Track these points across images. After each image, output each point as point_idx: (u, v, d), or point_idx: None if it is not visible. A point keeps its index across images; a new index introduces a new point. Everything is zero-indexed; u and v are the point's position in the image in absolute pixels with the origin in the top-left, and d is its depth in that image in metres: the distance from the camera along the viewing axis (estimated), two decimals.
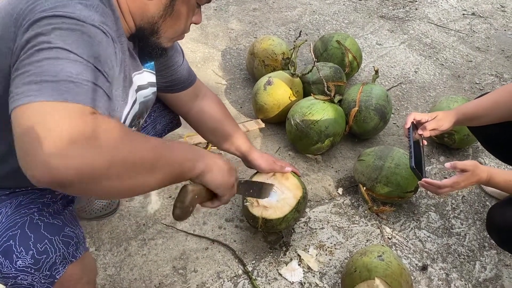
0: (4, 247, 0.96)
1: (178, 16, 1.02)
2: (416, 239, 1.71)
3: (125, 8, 0.98)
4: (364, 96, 2.01)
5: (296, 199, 1.54)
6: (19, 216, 1.01)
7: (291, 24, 3.06)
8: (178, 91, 1.39)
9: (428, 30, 3.08)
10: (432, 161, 2.06)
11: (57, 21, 0.78)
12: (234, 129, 1.53)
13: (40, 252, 0.97)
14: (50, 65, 0.73)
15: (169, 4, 0.99)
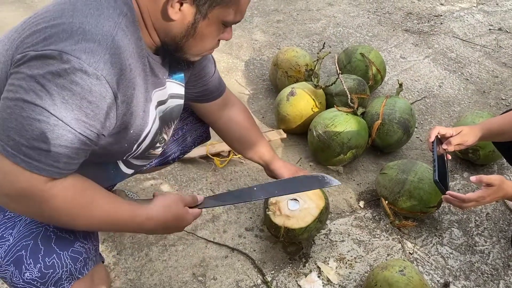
0: (16, 257, 0.97)
1: (202, 37, 1.01)
2: (438, 255, 1.68)
3: (149, 24, 0.98)
4: (387, 109, 2.01)
5: (319, 209, 1.53)
6: (35, 226, 1.02)
7: (314, 36, 3.07)
8: (209, 101, 1.40)
9: (453, 45, 3.06)
10: (455, 177, 2.04)
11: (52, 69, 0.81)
12: (259, 138, 1.55)
13: (47, 266, 0.97)
14: (29, 126, 0.81)
15: (191, 26, 0.98)
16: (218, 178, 1.95)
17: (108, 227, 1.03)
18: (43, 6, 0.98)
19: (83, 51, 0.82)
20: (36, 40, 0.84)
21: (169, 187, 1.90)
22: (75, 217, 0.92)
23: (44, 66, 0.81)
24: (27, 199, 0.86)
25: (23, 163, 0.83)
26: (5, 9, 3.14)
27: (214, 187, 1.91)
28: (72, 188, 0.90)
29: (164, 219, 1.09)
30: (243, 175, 1.97)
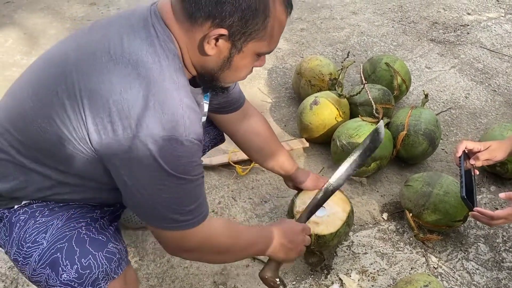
0: (52, 259, 1.00)
1: (237, 68, 1.05)
2: (463, 271, 1.64)
3: (188, 60, 1.03)
4: (413, 120, 1.98)
5: (346, 213, 1.53)
6: (68, 230, 1.04)
7: (338, 44, 3.06)
8: (229, 112, 1.43)
9: (480, 55, 3.00)
10: (482, 190, 1.99)
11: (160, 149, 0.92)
12: (278, 148, 1.56)
13: (84, 267, 0.99)
14: (175, 203, 0.99)
15: (227, 60, 1.01)
16: (239, 186, 1.95)
17: (251, 249, 1.24)
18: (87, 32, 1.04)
19: (173, 127, 0.92)
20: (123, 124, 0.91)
21: None
22: (234, 245, 1.17)
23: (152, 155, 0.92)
24: (203, 246, 1.09)
25: (187, 226, 1.02)
26: (34, 16, 3.22)
27: (236, 195, 1.91)
28: (220, 221, 1.20)
29: (281, 229, 1.31)
30: (265, 183, 1.97)
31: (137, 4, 3.39)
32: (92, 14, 3.27)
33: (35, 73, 1.05)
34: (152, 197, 0.96)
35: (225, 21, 0.94)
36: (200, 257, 1.16)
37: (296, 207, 1.55)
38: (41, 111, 0.98)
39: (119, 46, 0.95)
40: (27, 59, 2.75)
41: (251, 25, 0.96)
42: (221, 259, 1.21)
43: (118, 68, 0.93)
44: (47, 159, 1.02)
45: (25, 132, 1.01)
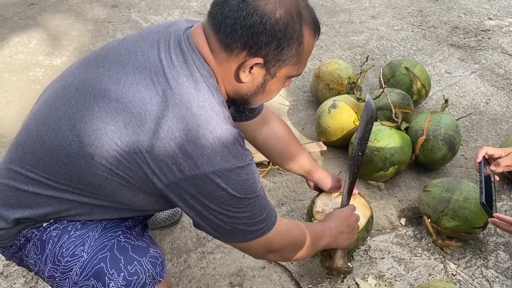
0: (95, 270, 1.01)
1: (269, 92, 1.08)
2: (482, 278, 1.62)
3: (222, 88, 1.06)
4: (432, 125, 1.96)
5: (366, 218, 1.53)
6: (107, 239, 1.05)
7: (357, 48, 3.05)
8: (249, 119, 1.44)
9: (502, 61, 2.96)
10: (502, 197, 1.96)
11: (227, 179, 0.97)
12: (299, 150, 1.57)
13: (131, 273, 1.01)
14: (250, 218, 1.05)
15: (261, 86, 1.05)
16: None
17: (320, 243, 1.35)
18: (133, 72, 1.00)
19: (233, 156, 0.97)
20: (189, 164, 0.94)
21: None
22: (305, 239, 1.25)
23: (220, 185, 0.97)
24: (284, 245, 1.19)
25: (265, 232, 1.10)
26: (58, 17, 3.28)
27: None
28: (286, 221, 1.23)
29: (336, 220, 1.43)
30: (282, 186, 1.97)
31: (157, 7, 3.43)
32: (114, 17, 3.32)
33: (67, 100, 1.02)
34: (230, 220, 1.02)
35: (261, 51, 0.96)
36: (285, 255, 1.24)
37: (316, 207, 1.56)
38: (90, 148, 0.96)
39: (167, 87, 0.96)
40: (50, 60, 2.80)
41: (286, 53, 0.99)
42: (301, 253, 1.26)
43: (172, 111, 0.94)
44: (89, 191, 1.02)
45: (68, 165, 0.99)
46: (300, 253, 1.26)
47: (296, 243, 1.23)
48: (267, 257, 1.21)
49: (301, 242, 1.24)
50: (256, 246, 1.11)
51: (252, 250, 1.15)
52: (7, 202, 1.06)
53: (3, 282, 1.54)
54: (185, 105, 0.94)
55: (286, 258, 1.30)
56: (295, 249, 1.23)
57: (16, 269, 1.58)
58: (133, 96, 0.94)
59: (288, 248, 1.21)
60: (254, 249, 1.14)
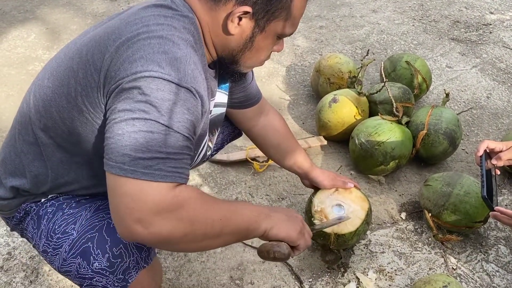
0: (83, 248, 1.01)
1: (258, 50, 1.05)
2: (483, 273, 1.62)
3: (209, 40, 1.04)
4: (433, 119, 1.95)
5: (364, 211, 1.52)
6: (98, 220, 1.06)
7: (357, 42, 3.04)
8: (246, 107, 1.43)
9: (503, 55, 2.95)
10: (503, 192, 1.96)
11: (146, 85, 0.86)
12: (295, 146, 1.56)
13: (115, 255, 1.01)
14: (143, 138, 0.83)
15: (249, 39, 1.02)
16: (257, 183, 1.95)
17: (235, 218, 0.96)
18: (107, 20, 1.06)
19: (171, 68, 0.88)
20: (123, 66, 0.89)
21: (208, 189, 1.91)
22: (209, 212, 0.90)
23: (141, 86, 0.86)
24: (163, 213, 0.83)
25: (145, 175, 0.82)
26: (57, 11, 3.26)
27: (253, 191, 1.91)
28: (195, 189, 0.92)
29: (276, 208, 1.11)
30: (282, 181, 1.97)
31: None
32: (113, 10, 3.30)
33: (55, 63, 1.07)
34: (125, 126, 0.85)
35: (249, 0, 0.95)
36: (163, 231, 0.84)
37: (314, 206, 1.54)
38: (59, 88, 1.00)
39: (132, 17, 0.97)
40: (49, 54, 2.79)
41: (275, 3, 0.97)
42: (193, 234, 0.88)
43: (128, 30, 0.94)
44: (64, 140, 1.04)
45: (47, 114, 1.02)
46: (193, 232, 0.88)
47: (187, 215, 0.86)
48: (135, 227, 0.82)
49: (198, 216, 0.88)
50: (125, 196, 0.82)
51: (119, 201, 0.83)
52: (8, 169, 1.11)
53: (3, 276, 1.54)
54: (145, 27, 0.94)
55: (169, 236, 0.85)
56: (183, 223, 0.86)
57: (16, 263, 1.58)
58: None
59: (171, 219, 0.84)
60: (122, 201, 0.82)
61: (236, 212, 0.97)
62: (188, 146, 0.90)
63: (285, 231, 1.04)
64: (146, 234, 0.83)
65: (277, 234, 1.03)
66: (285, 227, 1.05)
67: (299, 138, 2.18)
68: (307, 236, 1.11)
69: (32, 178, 1.09)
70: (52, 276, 1.54)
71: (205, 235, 0.90)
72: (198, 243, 0.91)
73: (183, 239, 0.87)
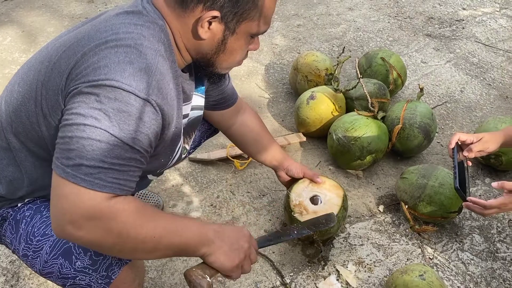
0: (64, 249, 1.02)
1: (232, 51, 1.06)
2: (458, 261, 1.67)
3: (181, 45, 1.04)
4: (408, 114, 2.00)
5: (340, 198, 1.58)
6: None
7: (334, 40, 3.08)
8: (223, 108, 1.47)
9: (476, 50, 3.02)
10: (477, 183, 2.02)
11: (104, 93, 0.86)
12: (271, 141, 1.62)
13: (97, 253, 1.02)
14: (90, 146, 0.85)
15: (221, 43, 1.03)
16: (238, 180, 1.97)
17: (171, 238, 0.94)
18: (80, 25, 1.06)
19: (134, 80, 0.88)
20: (86, 71, 0.89)
21: (189, 188, 1.92)
22: (141, 228, 0.89)
23: (99, 94, 0.86)
24: (93, 220, 0.85)
25: (83, 182, 0.84)
26: (33, 13, 3.23)
27: (234, 189, 1.93)
28: (134, 202, 0.91)
29: (223, 227, 1.05)
30: (263, 177, 1.99)
31: None
32: (90, 12, 3.28)
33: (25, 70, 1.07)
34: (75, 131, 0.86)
35: (216, 3, 0.96)
36: (92, 237, 0.86)
37: (293, 201, 1.58)
38: (28, 93, 1.00)
39: (103, 24, 0.97)
40: (25, 57, 2.76)
41: (242, 4, 0.97)
42: (123, 246, 0.89)
43: (97, 37, 0.94)
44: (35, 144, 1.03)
45: (17, 119, 1.02)
46: (123, 244, 0.89)
47: (117, 228, 0.87)
48: (67, 230, 0.85)
49: (128, 230, 0.88)
50: (63, 197, 0.85)
51: (57, 199, 0.86)
52: None
53: None
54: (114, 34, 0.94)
55: (98, 244, 0.88)
56: (113, 235, 0.87)
57: None
58: None
59: (100, 229, 0.86)
60: (59, 200, 0.86)
61: (174, 232, 0.95)
62: (137, 159, 0.91)
63: (220, 262, 1.01)
64: (75, 236, 0.86)
65: (212, 262, 1.01)
66: (222, 258, 1.01)
67: (278, 135, 2.20)
68: (246, 266, 1.07)
69: (7, 183, 1.08)
70: (33, 279, 1.54)
71: (135, 249, 0.91)
72: (130, 254, 0.95)
73: (112, 248, 0.90)
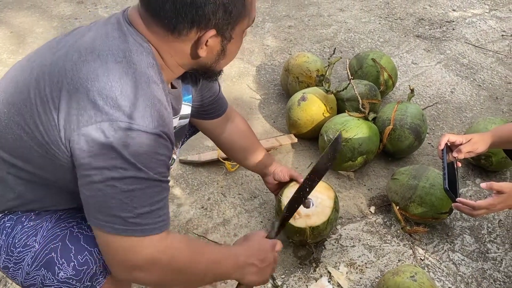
0: (46, 259, 0.99)
1: (231, 53, 1.07)
2: (449, 262, 1.67)
3: (172, 63, 1.02)
4: (399, 115, 2.00)
5: (332, 199, 1.58)
6: (59, 229, 1.04)
7: (325, 41, 3.08)
8: (214, 118, 1.47)
9: (466, 51, 3.04)
10: (467, 183, 2.02)
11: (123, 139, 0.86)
12: (259, 146, 1.64)
13: (81, 263, 0.99)
14: (127, 198, 0.88)
15: (221, 52, 1.03)
16: (229, 182, 1.96)
17: (215, 269, 1.08)
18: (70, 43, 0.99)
19: (139, 117, 0.88)
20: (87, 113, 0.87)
21: (180, 191, 1.91)
22: (195, 264, 1.02)
23: (115, 141, 0.86)
24: (156, 264, 0.94)
25: (136, 232, 0.89)
26: (21, 14, 3.19)
27: (225, 191, 1.92)
28: (183, 239, 1.03)
29: (250, 249, 1.17)
30: (254, 179, 1.98)
31: (125, 2, 3.38)
32: (80, 13, 3.25)
33: (10, 79, 1.02)
34: (106, 188, 0.87)
35: (211, 22, 0.95)
36: (156, 278, 0.96)
37: (284, 204, 1.57)
38: (15, 117, 0.96)
39: (90, 45, 0.94)
40: (14, 58, 2.73)
41: (234, 12, 0.97)
42: (184, 278, 1.02)
43: (87, 64, 0.91)
44: (23, 165, 1.00)
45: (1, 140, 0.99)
46: (181, 279, 1.02)
47: (176, 265, 0.98)
48: (133, 273, 0.94)
49: (186, 267, 1.00)
50: (121, 249, 0.91)
51: (114, 253, 0.92)
52: None
53: None
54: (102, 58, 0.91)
55: (160, 282, 0.99)
56: (174, 272, 0.98)
57: None
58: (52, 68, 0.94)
59: (162, 270, 0.96)
60: (117, 253, 0.92)
61: (217, 263, 1.08)
62: (167, 188, 0.96)
63: (253, 281, 1.18)
64: (141, 277, 0.95)
65: (247, 284, 1.18)
66: (254, 278, 1.17)
67: (270, 136, 2.20)
68: (273, 271, 1.24)
69: None
70: None
71: (188, 281, 1.05)
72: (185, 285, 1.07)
73: (171, 282, 1.02)
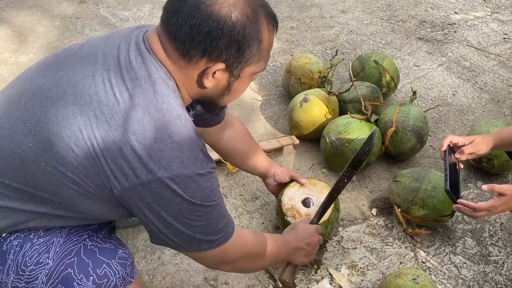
0: (62, 276, 0.98)
1: (236, 91, 1.08)
2: (451, 265, 1.67)
3: (184, 92, 1.04)
4: (401, 117, 2.00)
5: None
6: (72, 244, 1.03)
7: (327, 43, 3.08)
8: (212, 125, 1.47)
9: (467, 53, 3.04)
10: (469, 186, 2.02)
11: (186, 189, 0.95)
12: (258, 150, 1.66)
13: (100, 276, 0.99)
14: (206, 228, 1.03)
15: (226, 88, 1.04)
16: (230, 183, 1.96)
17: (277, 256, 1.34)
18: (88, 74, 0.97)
19: (192, 163, 0.95)
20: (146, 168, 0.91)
21: None
22: (265, 251, 1.26)
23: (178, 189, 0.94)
24: (239, 258, 1.17)
25: (221, 243, 1.07)
26: (23, 13, 3.19)
27: (227, 192, 1.91)
28: (249, 233, 1.28)
29: (299, 237, 1.41)
30: (255, 180, 1.98)
31: (126, 2, 3.38)
32: (82, 12, 3.25)
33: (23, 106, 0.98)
34: (186, 229, 0.99)
35: (222, 56, 0.95)
36: (240, 266, 1.22)
37: (285, 205, 1.59)
38: (45, 154, 0.93)
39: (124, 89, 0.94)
40: (16, 57, 2.73)
41: (247, 54, 0.97)
42: (257, 265, 1.31)
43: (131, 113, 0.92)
44: (46, 201, 0.99)
45: (23, 172, 0.96)
46: (255, 265, 1.30)
47: (251, 255, 1.21)
48: (221, 267, 1.18)
49: (257, 255, 1.24)
50: (210, 256, 1.10)
51: (206, 260, 1.13)
52: None
53: None
54: (142, 108, 0.92)
55: (240, 269, 1.34)
56: (250, 261, 1.23)
57: None
58: (90, 98, 0.93)
59: (243, 260, 1.19)
60: (209, 259, 1.12)
61: (277, 251, 1.32)
62: (221, 198, 1.07)
63: (301, 261, 1.46)
64: (228, 269, 1.23)
65: (298, 264, 1.48)
66: (302, 259, 1.45)
67: (271, 138, 2.20)
68: (317, 250, 1.50)
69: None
70: None
71: (256, 267, 1.37)
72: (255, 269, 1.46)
73: (247, 269, 1.39)
